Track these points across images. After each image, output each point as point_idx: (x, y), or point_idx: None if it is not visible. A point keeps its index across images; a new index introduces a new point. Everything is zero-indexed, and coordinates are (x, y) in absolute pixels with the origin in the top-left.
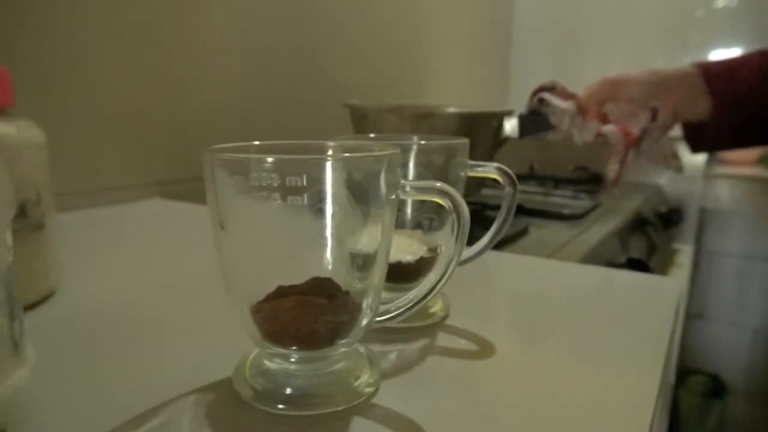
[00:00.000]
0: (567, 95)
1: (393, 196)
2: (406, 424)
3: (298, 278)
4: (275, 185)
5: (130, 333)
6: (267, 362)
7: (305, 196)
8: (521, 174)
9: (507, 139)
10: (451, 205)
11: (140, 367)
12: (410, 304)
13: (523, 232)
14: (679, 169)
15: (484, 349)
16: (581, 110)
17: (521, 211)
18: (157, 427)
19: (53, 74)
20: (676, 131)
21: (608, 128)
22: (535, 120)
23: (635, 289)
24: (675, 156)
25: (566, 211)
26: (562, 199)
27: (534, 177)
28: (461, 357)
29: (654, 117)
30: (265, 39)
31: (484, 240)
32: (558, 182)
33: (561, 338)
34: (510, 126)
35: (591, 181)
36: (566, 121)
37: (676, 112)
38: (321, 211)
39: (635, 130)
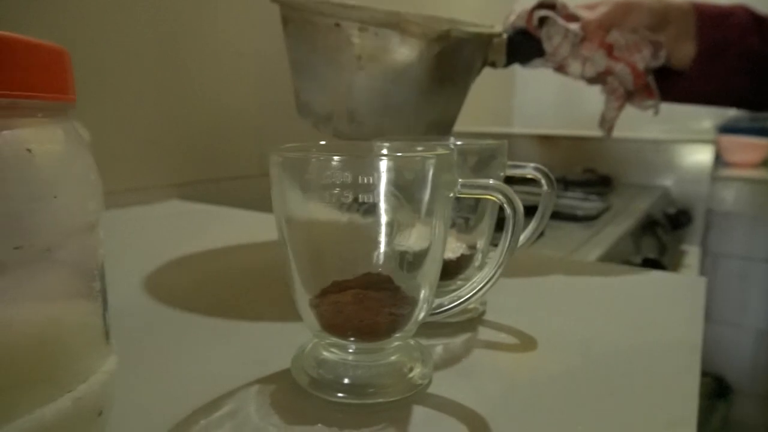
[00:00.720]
0: (568, 16)
1: (450, 194)
2: (465, 412)
3: (352, 273)
4: (348, 182)
5: (181, 329)
6: (325, 353)
7: (374, 193)
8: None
9: (493, 63)
10: (506, 202)
11: (198, 361)
12: (467, 296)
13: (539, 233)
14: (656, 110)
15: (526, 343)
16: (584, 36)
17: (535, 212)
18: (227, 414)
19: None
20: None
21: (621, 67)
22: (526, 44)
23: (663, 287)
24: (653, 95)
25: (579, 213)
26: (573, 201)
27: None
28: (505, 350)
29: (655, 54)
30: (279, 43)
31: (523, 237)
32: (568, 184)
33: (597, 331)
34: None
35: (600, 183)
36: (565, 48)
37: (667, 51)
38: (379, 209)
39: (641, 68)
